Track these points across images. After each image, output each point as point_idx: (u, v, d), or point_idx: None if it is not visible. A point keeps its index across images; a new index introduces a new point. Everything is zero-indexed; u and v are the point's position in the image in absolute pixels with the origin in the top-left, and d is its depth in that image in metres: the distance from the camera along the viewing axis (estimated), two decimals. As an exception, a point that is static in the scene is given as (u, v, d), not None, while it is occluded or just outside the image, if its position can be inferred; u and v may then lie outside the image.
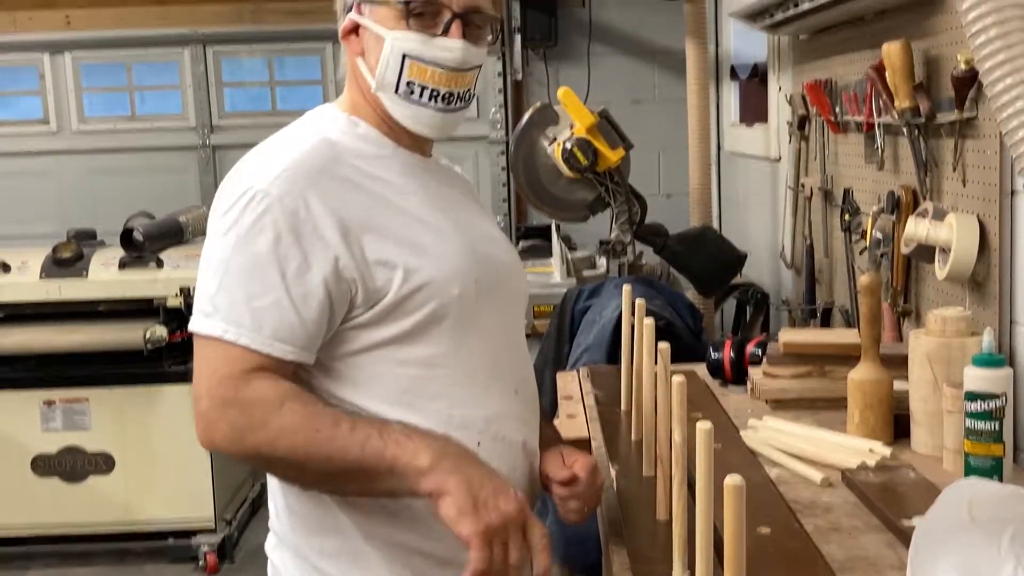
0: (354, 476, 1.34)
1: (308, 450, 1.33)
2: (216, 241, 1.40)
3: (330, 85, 5.16)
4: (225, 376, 1.35)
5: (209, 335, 1.37)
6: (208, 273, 1.40)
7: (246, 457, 1.37)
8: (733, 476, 1.01)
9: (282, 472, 1.41)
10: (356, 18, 1.50)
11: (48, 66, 5.17)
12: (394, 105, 1.50)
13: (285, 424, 1.33)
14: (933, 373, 1.74)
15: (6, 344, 3.97)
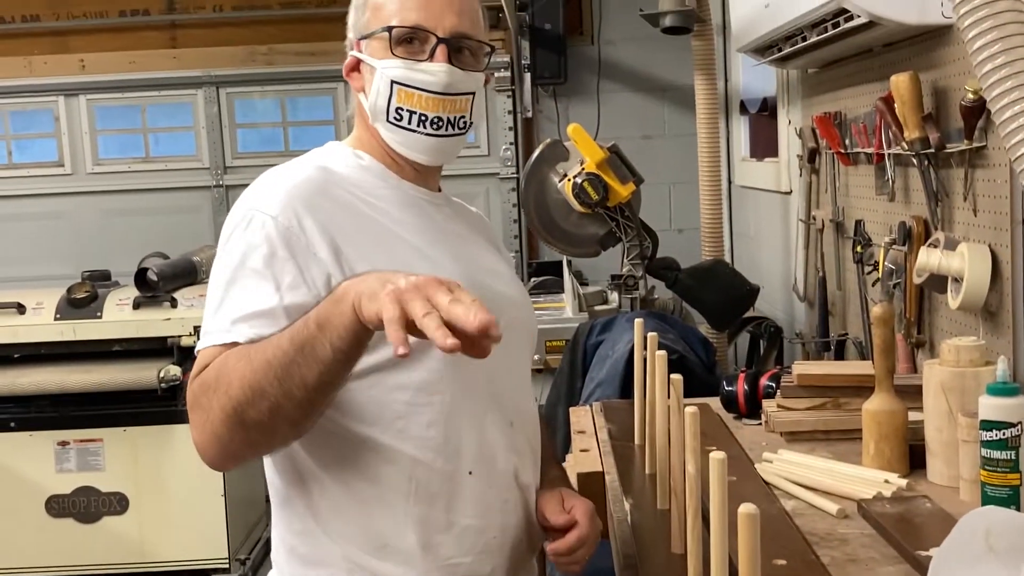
0: (300, 360, 1.27)
1: (252, 370, 1.30)
2: (218, 263, 1.46)
3: (342, 125, 5.20)
4: (192, 387, 1.38)
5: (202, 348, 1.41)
6: (210, 296, 1.45)
7: (225, 432, 1.33)
8: (747, 505, 1.01)
9: (255, 415, 1.31)
10: (355, 54, 1.59)
11: (63, 109, 5.23)
12: (387, 132, 1.56)
13: (229, 370, 1.32)
14: (948, 403, 1.74)
15: (21, 384, 3.98)
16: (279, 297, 1.40)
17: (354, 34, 1.61)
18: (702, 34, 3.92)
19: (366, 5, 1.59)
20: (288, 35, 5.20)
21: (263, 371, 1.29)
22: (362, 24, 1.59)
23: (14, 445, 4.05)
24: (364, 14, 1.59)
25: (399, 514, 1.48)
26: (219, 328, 1.40)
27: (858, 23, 2.21)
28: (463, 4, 1.56)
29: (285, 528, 1.54)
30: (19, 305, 4.10)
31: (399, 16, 1.54)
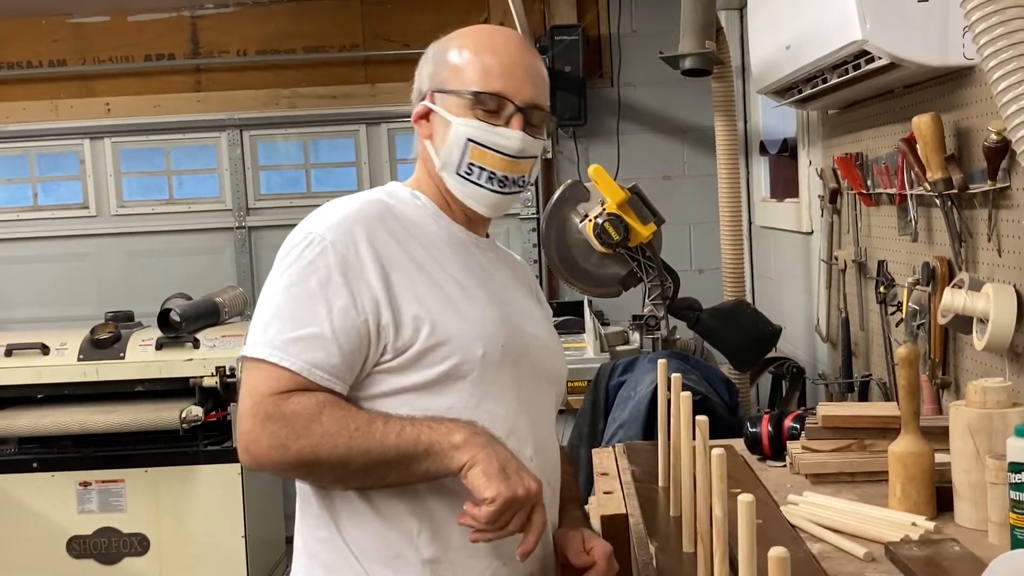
0: (393, 464, 1.46)
1: (349, 447, 1.45)
2: (274, 279, 1.57)
3: (363, 167, 5.24)
4: (266, 394, 1.47)
5: (255, 357, 1.50)
6: (263, 307, 1.55)
7: (289, 466, 1.47)
8: (777, 548, 1.00)
9: (326, 473, 1.50)
10: (428, 105, 1.67)
11: (88, 152, 5.28)
12: (455, 183, 1.66)
13: (326, 428, 1.45)
14: (975, 445, 1.72)
15: (44, 425, 4.00)
16: (330, 321, 1.50)
17: (429, 85, 1.69)
18: (722, 76, 3.94)
19: (447, 63, 1.67)
20: (311, 79, 5.25)
21: (359, 454, 1.46)
22: (440, 79, 1.67)
23: (36, 485, 4.07)
24: (443, 70, 1.67)
25: (414, 530, 1.56)
26: (271, 344, 1.50)
27: (879, 65, 2.22)
28: (537, 77, 1.68)
29: (309, 534, 1.62)
30: (43, 346, 4.13)
31: (483, 82, 1.64)
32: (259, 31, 5.23)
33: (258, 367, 1.50)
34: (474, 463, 1.45)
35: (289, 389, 1.48)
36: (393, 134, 5.22)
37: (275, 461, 1.46)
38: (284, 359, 1.49)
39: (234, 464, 4.06)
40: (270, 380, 1.48)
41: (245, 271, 5.23)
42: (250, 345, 1.52)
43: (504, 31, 1.73)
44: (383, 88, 5.22)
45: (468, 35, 1.71)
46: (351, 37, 5.23)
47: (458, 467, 1.45)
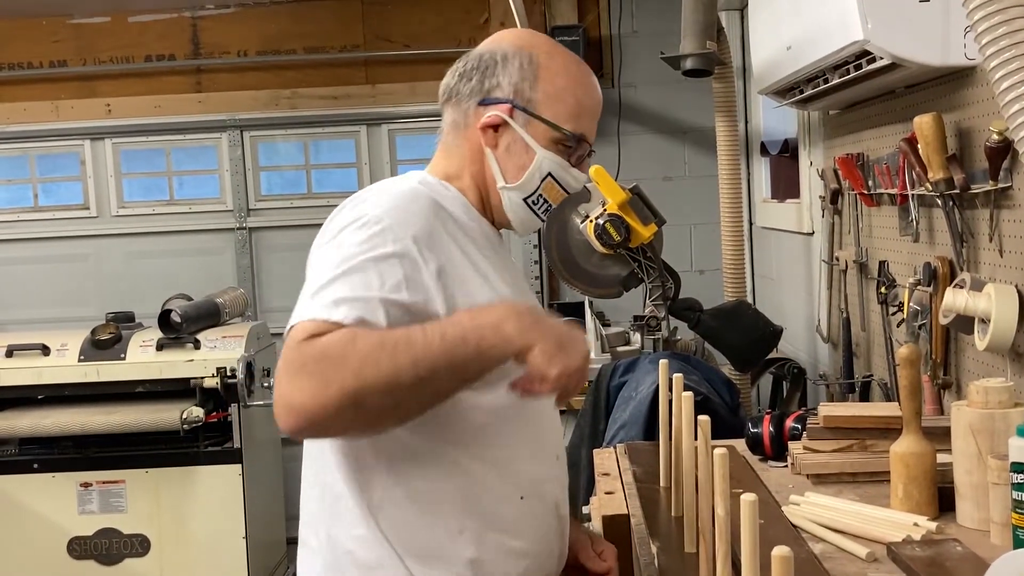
0: (444, 372, 1.37)
1: (393, 364, 1.34)
2: (324, 252, 1.48)
3: (364, 168, 5.24)
4: (296, 345, 1.36)
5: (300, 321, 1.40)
6: (313, 281, 1.46)
7: (334, 409, 1.33)
8: (781, 548, 1.00)
9: (376, 402, 1.36)
10: (507, 120, 1.62)
11: (89, 152, 5.28)
12: (513, 206, 1.66)
13: (363, 352, 1.34)
14: (977, 445, 1.72)
15: (44, 426, 4.00)
16: (381, 291, 1.42)
17: (511, 97, 1.63)
18: (723, 76, 3.94)
19: (539, 84, 1.63)
20: (311, 79, 5.25)
21: (406, 368, 1.34)
22: (528, 98, 1.62)
23: (37, 486, 4.07)
24: (534, 90, 1.62)
25: (454, 528, 1.54)
26: (321, 305, 1.40)
27: (881, 65, 2.22)
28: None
29: (343, 532, 1.56)
30: (43, 347, 4.13)
31: (576, 123, 1.63)
32: (260, 32, 5.23)
33: (293, 332, 1.40)
34: (531, 346, 1.39)
35: (320, 332, 1.38)
36: (394, 135, 5.22)
37: (320, 405, 1.32)
38: (323, 314, 1.39)
39: (235, 465, 4.06)
40: (303, 332, 1.38)
41: (246, 272, 5.23)
42: (297, 314, 1.43)
43: (584, 64, 1.70)
44: (384, 89, 5.22)
45: (560, 61, 1.65)
46: (352, 38, 5.22)
47: (516, 354, 1.40)
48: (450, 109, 1.69)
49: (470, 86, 1.65)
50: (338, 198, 5.75)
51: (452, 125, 1.69)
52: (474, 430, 1.53)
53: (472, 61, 1.66)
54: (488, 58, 1.65)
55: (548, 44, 1.67)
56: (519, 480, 1.56)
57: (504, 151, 1.63)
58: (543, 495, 1.60)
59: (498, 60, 1.64)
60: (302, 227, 5.24)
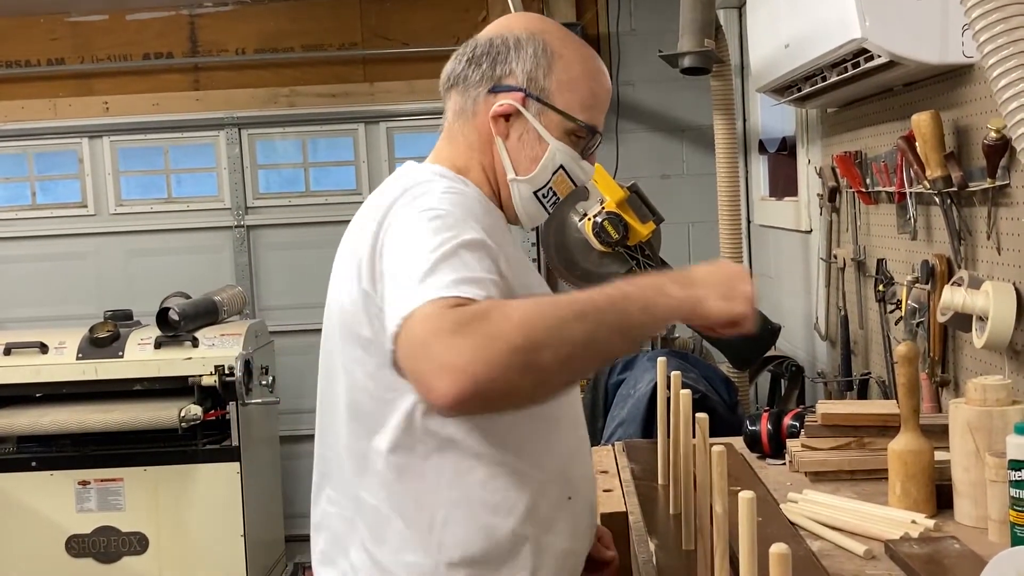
0: (614, 326, 1.29)
1: (559, 317, 1.24)
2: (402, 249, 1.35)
3: (362, 166, 5.23)
4: (441, 312, 1.23)
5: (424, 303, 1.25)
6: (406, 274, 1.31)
7: (505, 366, 1.19)
8: (779, 545, 1.00)
9: (549, 356, 1.23)
10: (520, 109, 1.55)
11: (87, 151, 5.28)
12: (523, 198, 1.58)
13: (525, 309, 1.24)
14: (975, 442, 1.72)
15: (42, 424, 4.00)
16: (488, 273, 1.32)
17: (523, 83, 1.55)
18: (721, 75, 3.94)
19: (554, 72, 1.56)
20: (309, 77, 5.25)
21: (572, 321, 1.24)
22: (542, 87, 1.55)
23: (35, 484, 4.07)
24: (548, 79, 1.55)
25: (519, 536, 1.47)
26: (437, 288, 1.26)
27: (879, 63, 2.22)
28: None
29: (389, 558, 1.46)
30: (42, 345, 4.13)
31: (589, 114, 1.58)
32: (258, 29, 5.22)
33: (424, 312, 1.24)
34: (700, 298, 1.36)
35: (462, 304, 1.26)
36: (392, 133, 5.22)
37: (487, 363, 1.18)
38: (448, 292, 1.26)
39: (233, 463, 4.06)
40: (442, 303, 1.24)
41: (244, 270, 5.22)
42: (405, 302, 1.27)
43: (594, 52, 1.64)
44: (382, 87, 5.22)
45: (574, 49, 1.59)
46: (350, 35, 5.22)
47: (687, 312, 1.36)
48: (455, 96, 1.60)
49: (480, 72, 1.56)
50: (336, 196, 5.74)
51: (458, 113, 1.60)
52: (533, 437, 1.48)
53: (482, 46, 1.58)
54: (500, 43, 1.56)
55: (560, 31, 1.61)
56: (568, 482, 1.52)
57: (516, 141, 1.56)
58: (586, 494, 1.59)
59: (511, 46, 1.56)
60: (300, 225, 5.24)
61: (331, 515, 1.54)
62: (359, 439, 1.48)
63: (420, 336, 1.23)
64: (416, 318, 1.24)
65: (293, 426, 5.14)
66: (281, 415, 4.87)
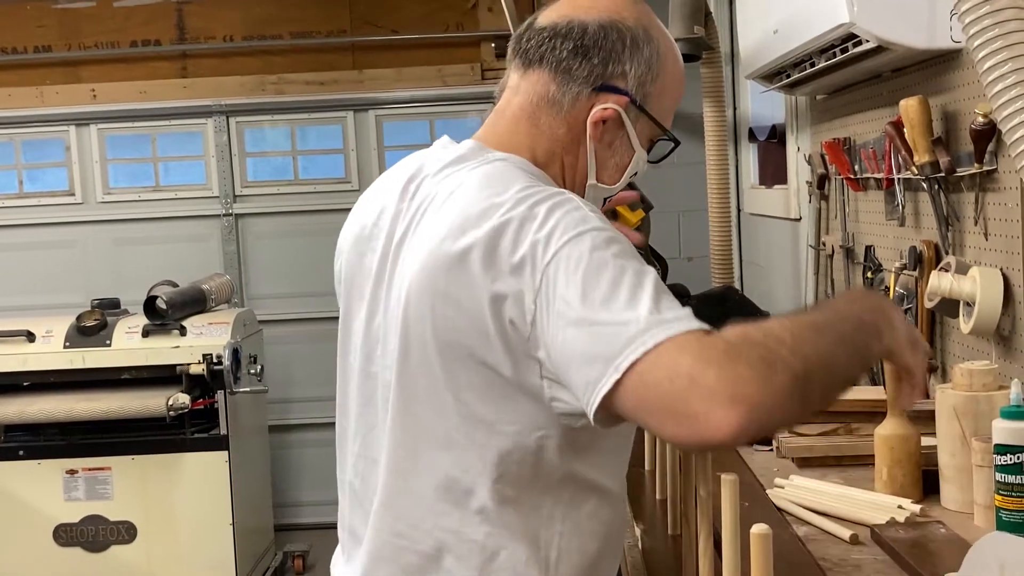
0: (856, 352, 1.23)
1: (821, 342, 1.18)
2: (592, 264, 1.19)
3: (351, 154, 5.22)
4: (698, 342, 1.12)
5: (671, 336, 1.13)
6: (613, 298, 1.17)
7: (787, 394, 1.12)
8: (759, 525, 1.00)
9: (819, 381, 1.16)
10: (624, 118, 1.40)
11: (74, 138, 5.25)
12: (593, 200, 1.43)
13: (783, 333, 1.15)
14: (961, 428, 1.72)
15: (30, 413, 3.99)
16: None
17: (632, 88, 1.40)
18: (711, 62, 3.93)
19: (659, 78, 1.42)
20: (298, 64, 5.23)
21: (834, 344, 1.19)
22: (646, 92, 1.41)
23: (22, 473, 4.05)
24: (653, 85, 1.41)
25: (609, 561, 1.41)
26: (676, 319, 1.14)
27: (867, 48, 2.21)
28: None
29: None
30: (28, 333, 4.11)
31: (670, 120, 1.46)
32: (245, 16, 5.20)
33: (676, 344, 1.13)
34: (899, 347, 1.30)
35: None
36: (381, 121, 5.21)
37: (772, 392, 1.10)
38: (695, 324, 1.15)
39: (221, 452, 4.06)
40: (693, 339, 1.13)
41: (232, 258, 5.21)
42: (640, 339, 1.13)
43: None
44: (371, 74, 5.20)
45: (672, 50, 1.45)
46: (338, 22, 5.20)
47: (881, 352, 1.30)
48: (545, 79, 1.41)
49: (590, 67, 1.39)
50: (325, 184, 5.71)
51: (548, 100, 1.40)
52: (619, 459, 1.40)
53: (593, 35, 1.39)
54: (616, 38, 1.39)
55: (662, 26, 1.46)
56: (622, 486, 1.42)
57: (607, 147, 1.41)
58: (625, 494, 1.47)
59: (627, 43, 1.39)
60: (289, 214, 5.23)
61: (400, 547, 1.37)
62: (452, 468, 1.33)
63: (680, 368, 1.11)
64: (665, 352, 1.12)
65: (282, 415, 5.14)
66: (270, 404, 4.86)
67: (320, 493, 5.22)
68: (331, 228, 5.70)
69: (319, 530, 5.07)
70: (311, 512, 5.21)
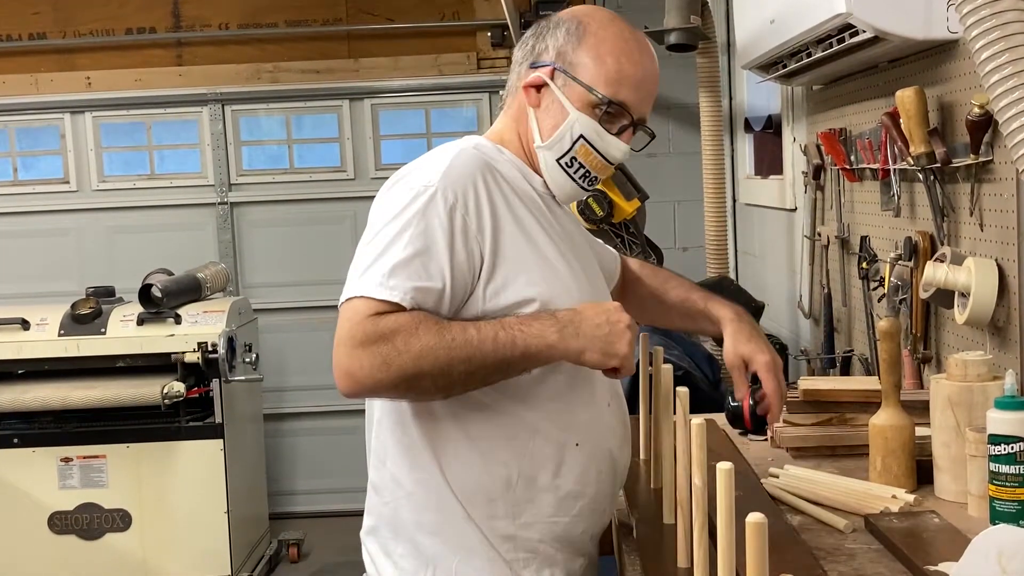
0: (492, 368, 1.52)
1: (450, 358, 1.49)
2: (381, 227, 1.55)
3: (347, 143, 5.21)
4: (362, 319, 1.49)
5: (354, 295, 1.51)
6: (367, 254, 1.54)
7: (390, 384, 1.49)
8: (755, 514, 1.00)
9: (428, 385, 1.51)
10: (547, 81, 1.67)
11: (69, 126, 5.24)
12: (548, 166, 1.69)
13: (425, 343, 1.48)
14: (955, 418, 1.72)
15: (24, 400, 3.98)
16: (441, 274, 1.53)
17: (554, 59, 1.67)
18: (707, 52, 3.93)
19: (582, 49, 1.66)
20: (293, 53, 5.22)
21: (460, 362, 1.50)
22: (569, 61, 1.66)
23: (17, 461, 4.05)
24: (577, 54, 1.66)
25: (513, 472, 1.62)
26: (374, 283, 1.50)
27: (863, 38, 2.21)
28: (655, 94, 1.73)
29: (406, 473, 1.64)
30: (23, 321, 4.11)
31: (614, 90, 1.64)
32: (241, 4, 5.18)
33: (355, 305, 1.51)
34: (580, 351, 1.54)
35: (385, 311, 1.50)
36: (377, 109, 5.19)
37: (377, 380, 1.48)
38: (385, 292, 1.50)
39: (216, 440, 4.06)
40: (367, 308, 1.50)
41: (227, 247, 5.20)
42: (348, 289, 1.53)
43: (641, 38, 1.71)
44: (367, 63, 5.19)
45: (610, 30, 1.68)
46: (334, 11, 5.19)
47: (560, 358, 1.55)
48: (512, 76, 1.75)
49: (525, 50, 1.72)
50: (321, 173, 5.69)
51: (509, 88, 1.75)
52: (530, 383, 1.60)
53: (532, 29, 1.74)
54: (544, 25, 1.71)
55: (606, 16, 1.71)
56: (573, 428, 1.64)
57: (543, 111, 1.67)
58: (596, 440, 1.67)
59: (551, 26, 1.70)
60: (284, 202, 5.22)
61: (368, 443, 1.73)
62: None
63: (341, 333, 1.50)
64: (350, 311, 1.51)
65: (276, 404, 5.14)
66: (264, 393, 4.86)
67: (315, 482, 5.23)
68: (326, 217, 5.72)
69: (314, 518, 5.08)
70: (306, 500, 5.21)
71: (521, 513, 1.62)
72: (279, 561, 4.68)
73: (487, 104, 5.17)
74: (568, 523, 1.65)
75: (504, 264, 1.58)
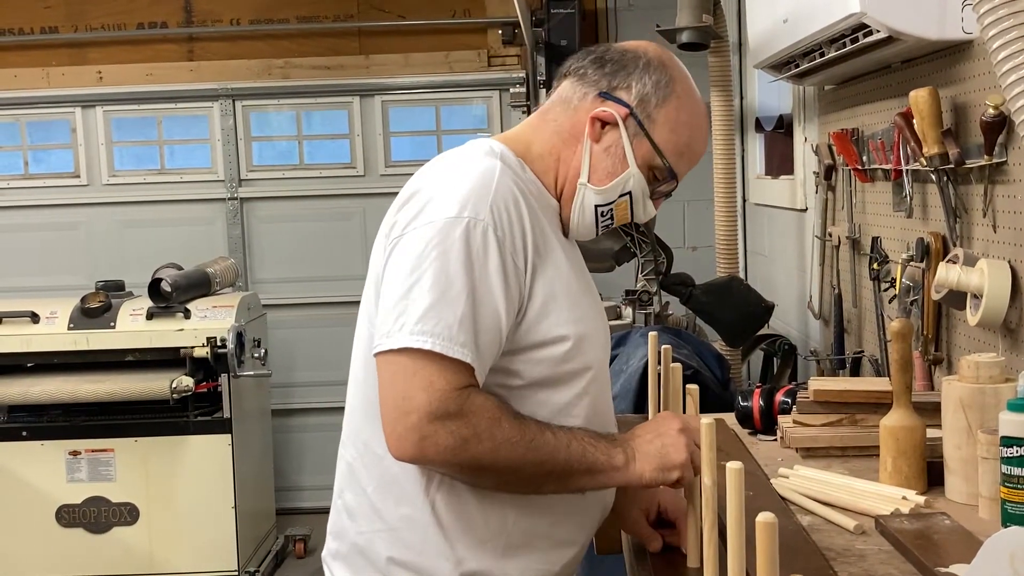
0: (554, 476, 1.47)
1: (524, 456, 1.44)
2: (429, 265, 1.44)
3: (357, 139, 5.21)
4: (445, 390, 1.40)
5: (422, 349, 1.41)
6: (416, 294, 1.43)
7: (458, 466, 1.44)
8: (765, 514, 0.99)
9: (491, 477, 1.47)
10: (620, 123, 1.57)
11: (80, 120, 5.25)
12: (585, 208, 1.60)
13: (507, 435, 1.43)
14: (967, 419, 1.72)
15: (33, 394, 3.99)
16: (496, 315, 1.45)
17: (632, 103, 1.57)
18: (719, 51, 3.91)
19: (663, 107, 1.58)
20: (304, 49, 5.22)
21: (530, 465, 1.45)
22: (648, 113, 1.58)
23: (26, 454, 4.06)
24: (659, 110, 1.58)
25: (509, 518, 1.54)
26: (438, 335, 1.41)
27: (877, 38, 2.20)
28: None
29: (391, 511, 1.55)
30: (33, 314, 4.11)
31: (676, 159, 1.59)
32: (252, 0, 5.19)
33: (423, 360, 1.41)
34: (642, 475, 1.50)
35: (466, 383, 1.42)
36: (387, 106, 5.19)
37: (446, 460, 1.42)
38: (456, 350, 1.41)
39: (224, 435, 4.06)
40: (447, 373, 1.41)
41: (237, 242, 5.21)
42: (405, 336, 1.41)
43: (706, 111, 1.69)
44: (377, 59, 5.18)
45: (693, 97, 1.63)
46: (345, 7, 5.19)
47: (626, 483, 1.53)
48: (566, 83, 1.63)
49: (600, 73, 1.60)
50: (330, 170, 5.69)
51: (562, 100, 1.62)
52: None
53: (613, 52, 1.62)
54: (631, 57, 1.61)
55: (688, 79, 1.64)
56: None
57: (602, 151, 1.58)
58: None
59: (640, 65, 1.59)
60: (294, 198, 5.22)
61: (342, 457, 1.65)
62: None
63: (403, 394, 1.41)
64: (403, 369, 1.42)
65: (285, 400, 5.14)
66: (273, 388, 4.87)
67: (322, 477, 5.22)
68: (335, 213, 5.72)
69: (320, 514, 5.07)
70: (313, 496, 5.22)
71: (512, 557, 1.54)
72: (285, 556, 4.69)
73: (497, 101, 5.17)
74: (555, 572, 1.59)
75: (537, 299, 1.50)
